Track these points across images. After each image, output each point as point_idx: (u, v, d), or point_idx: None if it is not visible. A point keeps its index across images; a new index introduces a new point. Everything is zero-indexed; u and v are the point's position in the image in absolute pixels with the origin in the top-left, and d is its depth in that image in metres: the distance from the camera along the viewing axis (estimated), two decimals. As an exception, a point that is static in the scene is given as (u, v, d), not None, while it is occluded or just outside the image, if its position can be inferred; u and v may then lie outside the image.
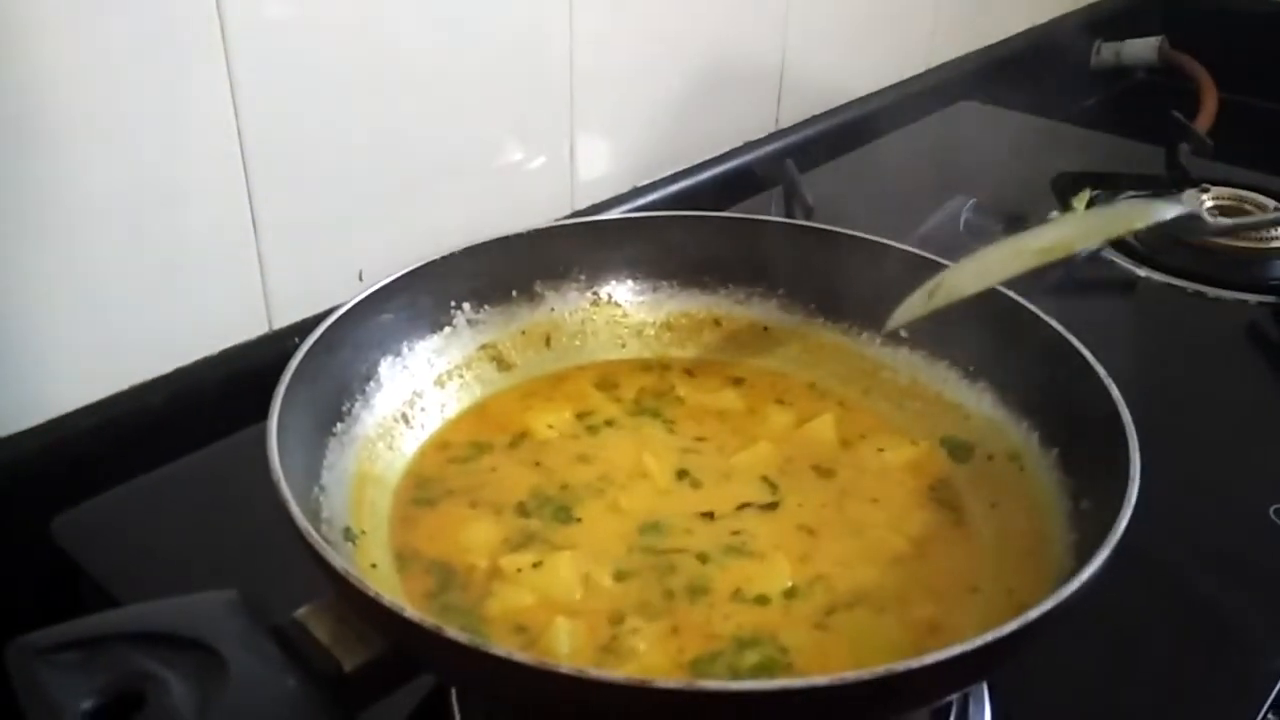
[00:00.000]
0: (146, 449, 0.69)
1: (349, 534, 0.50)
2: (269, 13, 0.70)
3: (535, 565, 0.50)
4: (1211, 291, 0.86)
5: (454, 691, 0.52)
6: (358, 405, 0.56)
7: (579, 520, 0.54)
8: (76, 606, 0.61)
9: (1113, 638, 0.56)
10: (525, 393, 0.63)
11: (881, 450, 0.59)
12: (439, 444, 0.59)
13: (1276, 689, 0.55)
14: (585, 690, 0.37)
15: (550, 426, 0.60)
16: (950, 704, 0.52)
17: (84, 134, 0.64)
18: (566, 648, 0.46)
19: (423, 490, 0.55)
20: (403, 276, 0.59)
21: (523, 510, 0.54)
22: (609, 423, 0.61)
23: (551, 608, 0.48)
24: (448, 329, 0.62)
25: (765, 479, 0.57)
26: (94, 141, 0.64)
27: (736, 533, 0.53)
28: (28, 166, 0.62)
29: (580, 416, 0.61)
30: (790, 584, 0.50)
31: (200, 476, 0.68)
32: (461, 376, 0.62)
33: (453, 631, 0.38)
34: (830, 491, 0.56)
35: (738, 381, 0.64)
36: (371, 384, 0.57)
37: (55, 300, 0.66)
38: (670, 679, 0.39)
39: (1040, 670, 0.53)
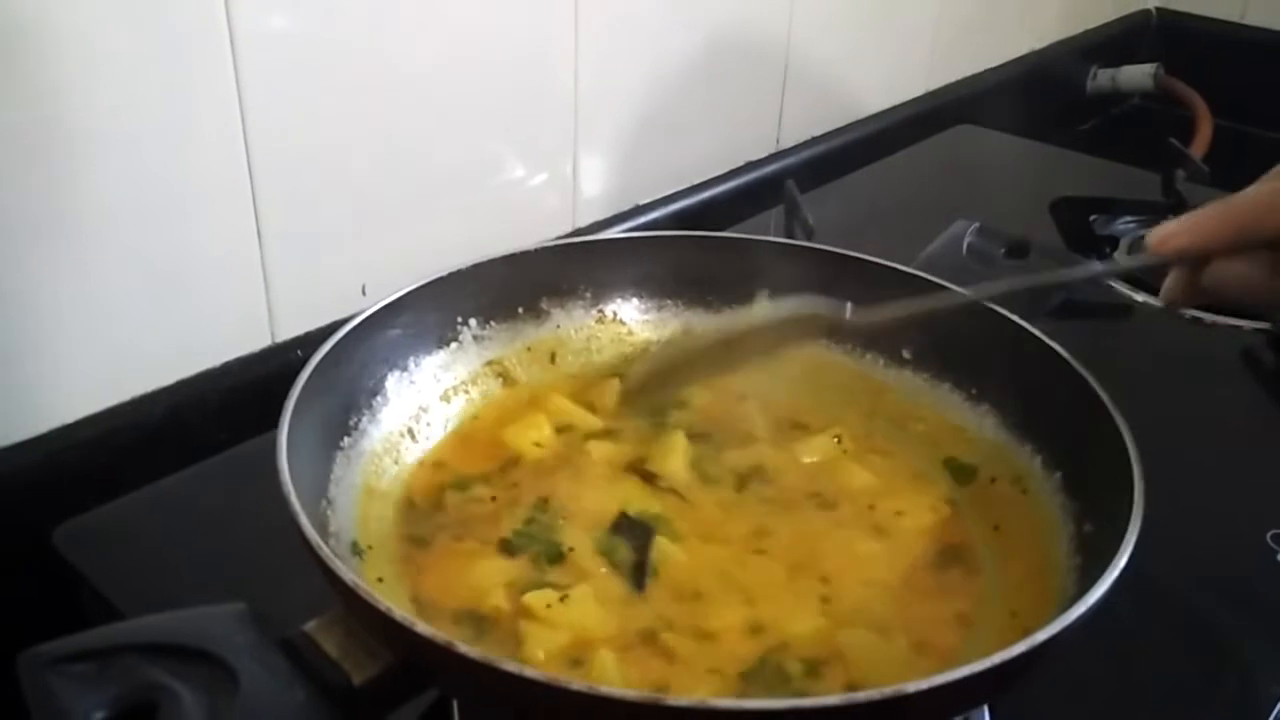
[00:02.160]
0: (148, 460, 0.69)
1: (356, 548, 0.50)
2: (277, 28, 0.70)
3: (562, 600, 0.50)
4: (1207, 317, 0.87)
5: (455, 705, 0.52)
6: (365, 420, 0.56)
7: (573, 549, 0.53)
8: (78, 616, 0.61)
9: (1112, 660, 0.56)
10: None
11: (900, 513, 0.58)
12: (433, 467, 0.58)
13: (1274, 712, 0.55)
14: (596, 706, 0.37)
15: (537, 445, 0.60)
16: (951, 725, 0.52)
17: (90, 144, 0.64)
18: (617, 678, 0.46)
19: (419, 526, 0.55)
20: (410, 292, 0.59)
21: (516, 545, 0.53)
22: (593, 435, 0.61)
23: (590, 641, 0.48)
24: (454, 345, 0.62)
25: (770, 501, 0.57)
26: (100, 152, 0.64)
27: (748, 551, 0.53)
28: (34, 177, 0.62)
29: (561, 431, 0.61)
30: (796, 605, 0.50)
31: (202, 488, 0.68)
32: (467, 392, 0.62)
33: (463, 647, 0.38)
34: (833, 515, 0.56)
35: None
36: (378, 399, 0.57)
37: (59, 310, 0.66)
38: (681, 696, 0.39)
39: (1040, 692, 0.53)
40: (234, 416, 0.72)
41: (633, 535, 0.53)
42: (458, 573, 0.52)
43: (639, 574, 0.51)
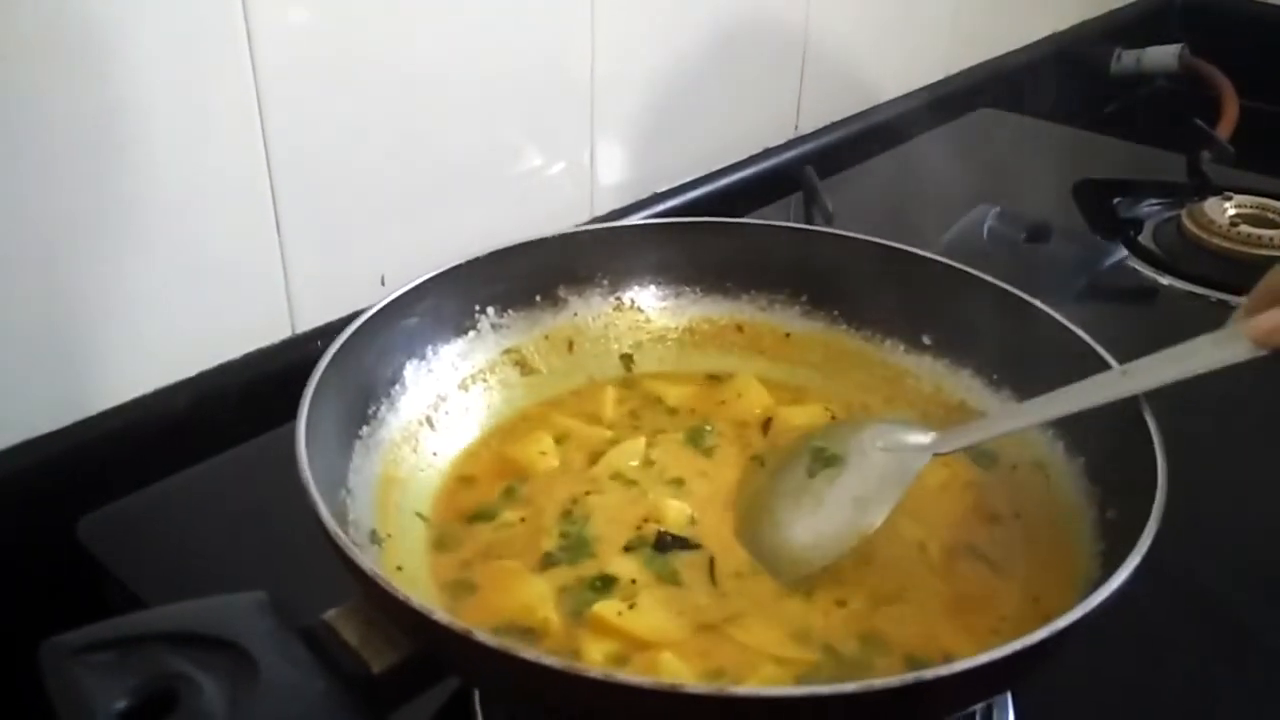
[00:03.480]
0: (171, 452, 0.69)
1: (375, 537, 0.50)
2: (293, 21, 0.70)
3: (631, 607, 0.49)
4: (1234, 300, 0.85)
5: (476, 694, 0.52)
6: (383, 409, 0.56)
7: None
8: (102, 607, 0.62)
9: (1137, 648, 0.56)
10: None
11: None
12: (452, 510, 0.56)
13: (1302, 700, 0.54)
14: (613, 694, 0.37)
15: (542, 454, 0.59)
16: (974, 713, 0.52)
17: (109, 140, 0.64)
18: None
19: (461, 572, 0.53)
20: (427, 281, 0.59)
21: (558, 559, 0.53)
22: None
23: (655, 645, 0.48)
24: (472, 333, 0.62)
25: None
26: (118, 147, 0.65)
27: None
28: (54, 174, 0.63)
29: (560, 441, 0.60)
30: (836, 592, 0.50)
31: (224, 479, 0.69)
32: (485, 380, 0.62)
33: (482, 634, 0.38)
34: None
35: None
36: (396, 388, 0.58)
37: (81, 305, 0.66)
38: (699, 684, 0.39)
39: (1064, 680, 0.52)
40: (255, 407, 0.73)
41: (678, 546, 0.53)
42: (504, 592, 0.51)
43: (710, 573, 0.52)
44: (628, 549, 0.52)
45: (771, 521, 0.53)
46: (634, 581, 0.50)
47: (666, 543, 0.53)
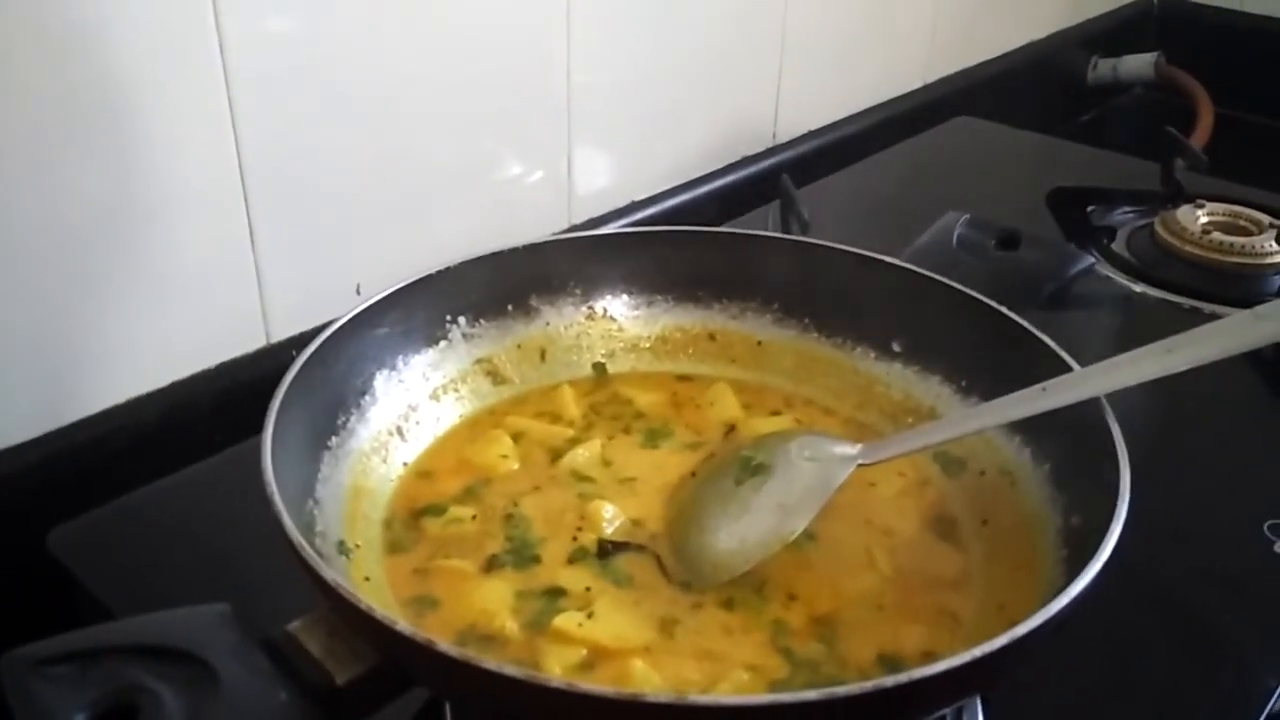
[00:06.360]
0: (143, 462, 0.69)
1: (343, 547, 0.50)
2: (267, 27, 0.70)
3: (590, 616, 0.49)
4: (1206, 307, 0.86)
5: (448, 706, 0.52)
6: (353, 419, 0.56)
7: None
8: (72, 619, 0.61)
9: (1106, 653, 0.56)
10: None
11: (873, 484, 0.58)
12: (408, 506, 0.56)
13: (1269, 706, 0.55)
14: (576, 703, 0.37)
15: (504, 456, 0.59)
16: (943, 717, 0.52)
17: (80, 148, 0.64)
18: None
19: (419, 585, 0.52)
20: (398, 291, 0.59)
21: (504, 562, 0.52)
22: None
23: (620, 652, 0.47)
24: (443, 343, 0.62)
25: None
26: (90, 155, 0.65)
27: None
28: (25, 181, 0.63)
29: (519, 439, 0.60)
30: (792, 594, 0.50)
31: (197, 490, 0.68)
32: (457, 390, 0.62)
33: (444, 645, 0.38)
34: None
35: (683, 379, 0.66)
36: (366, 398, 0.57)
37: (52, 313, 0.66)
38: (660, 693, 0.39)
39: (1033, 685, 0.53)
40: (228, 418, 0.73)
41: (620, 550, 0.53)
42: (459, 598, 0.50)
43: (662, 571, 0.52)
44: (571, 561, 0.52)
45: (698, 527, 0.53)
46: (588, 589, 0.50)
47: (608, 550, 0.53)
